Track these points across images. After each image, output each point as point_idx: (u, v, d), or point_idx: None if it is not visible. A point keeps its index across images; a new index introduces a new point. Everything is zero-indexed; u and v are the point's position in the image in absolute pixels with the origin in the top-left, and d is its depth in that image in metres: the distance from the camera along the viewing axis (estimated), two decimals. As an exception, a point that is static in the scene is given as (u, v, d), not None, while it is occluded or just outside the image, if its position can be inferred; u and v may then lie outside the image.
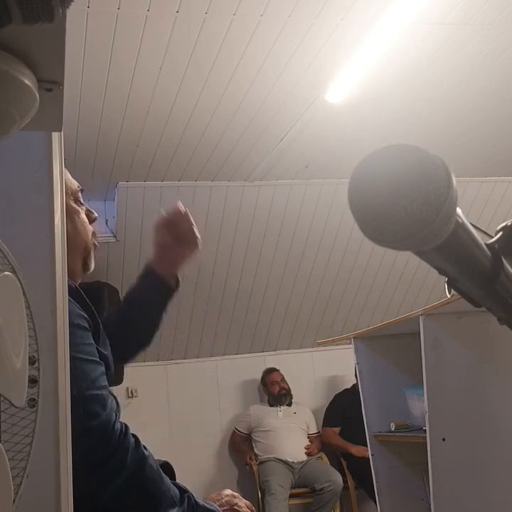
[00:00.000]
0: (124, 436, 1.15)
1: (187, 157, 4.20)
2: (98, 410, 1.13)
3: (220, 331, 5.53)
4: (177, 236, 1.52)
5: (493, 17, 3.06)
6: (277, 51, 3.14)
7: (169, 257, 1.53)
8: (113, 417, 1.15)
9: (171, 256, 1.54)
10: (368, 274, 5.50)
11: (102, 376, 1.19)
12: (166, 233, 1.52)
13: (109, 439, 1.13)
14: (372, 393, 3.18)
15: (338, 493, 4.88)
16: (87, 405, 1.12)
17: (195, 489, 1.29)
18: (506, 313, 0.62)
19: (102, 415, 1.13)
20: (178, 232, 1.52)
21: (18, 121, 0.70)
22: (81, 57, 3.02)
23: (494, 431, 2.47)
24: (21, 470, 0.74)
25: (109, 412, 1.15)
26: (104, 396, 1.16)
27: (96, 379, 1.16)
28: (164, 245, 1.53)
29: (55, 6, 0.55)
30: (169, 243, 1.52)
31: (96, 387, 1.15)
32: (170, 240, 1.52)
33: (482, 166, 4.86)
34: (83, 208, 1.37)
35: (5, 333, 0.70)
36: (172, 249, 1.53)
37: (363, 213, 0.47)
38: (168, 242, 1.52)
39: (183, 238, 1.52)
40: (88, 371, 1.15)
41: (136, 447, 1.16)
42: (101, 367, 1.20)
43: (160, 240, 1.53)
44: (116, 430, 1.14)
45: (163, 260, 1.54)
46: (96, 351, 1.20)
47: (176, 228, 1.52)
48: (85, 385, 1.13)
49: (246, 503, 1.36)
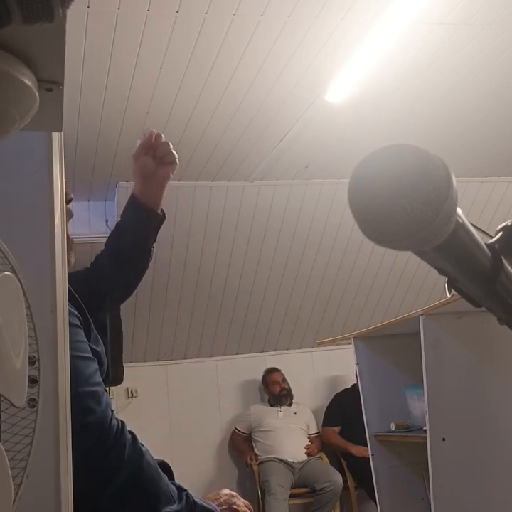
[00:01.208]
0: (121, 433, 1.15)
1: (187, 157, 4.20)
2: (93, 406, 1.13)
3: (220, 331, 5.54)
4: (157, 160, 1.55)
5: (493, 17, 3.06)
6: (277, 51, 3.14)
7: (153, 182, 1.55)
8: (109, 413, 1.15)
9: (154, 181, 1.55)
10: (368, 274, 5.50)
11: (95, 373, 1.19)
12: (146, 159, 1.54)
13: (107, 436, 1.13)
14: (372, 393, 3.18)
15: (338, 493, 4.88)
16: (82, 402, 1.12)
17: (195, 489, 1.29)
18: (506, 313, 0.62)
19: (98, 411, 1.13)
20: (157, 156, 1.54)
21: (18, 121, 0.70)
22: (81, 57, 3.02)
23: (494, 431, 2.47)
24: (21, 470, 0.74)
25: (105, 408, 1.15)
26: (99, 392, 1.16)
27: (90, 376, 1.17)
28: (146, 172, 1.55)
29: (55, 6, 0.55)
30: (151, 168, 1.54)
31: (90, 383, 1.15)
32: (152, 165, 1.54)
33: (482, 166, 4.86)
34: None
35: (5, 333, 0.70)
36: (154, 175, 1.55)
37: (363, 213, 0.47)
38: (150, 167, 1.54)
39: (162, 160, 1.55)
40: (82, 368, 1.15)
41: (133, 443, 1.16)
42: (94, 363, 1.20)
43: (141, 167, 1.55)
44: (113, 426, 1.14)
45: (147, 187, 1.56)
46: (88, 348, 1.21)
47: (154, 152, 1.54)
48: (80, 382, 1.13)
49: (244, 502, 1.36)
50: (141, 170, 1.55)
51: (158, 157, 1.55)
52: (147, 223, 1.56)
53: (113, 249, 1.59)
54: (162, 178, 1.56)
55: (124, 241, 1.57)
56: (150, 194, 1.56)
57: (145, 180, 1.56)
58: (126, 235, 1.57)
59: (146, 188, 1.56)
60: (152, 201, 1.55)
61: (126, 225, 1.58)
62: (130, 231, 1.57)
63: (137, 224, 1.56)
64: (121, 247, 1.57)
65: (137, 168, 1.56)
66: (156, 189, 1.56)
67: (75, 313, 1.21)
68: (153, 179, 1.55)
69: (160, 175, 1.55)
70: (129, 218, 1.58)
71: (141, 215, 1.55)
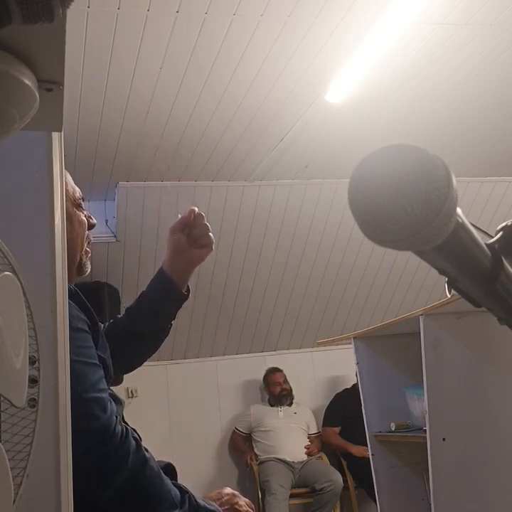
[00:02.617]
0: (125, 439, 1.15)
1: (187, 157, 4.20)
2: (98, 413, 1.13)
3: (220, 331, 5.53)
4: (192, 239, 1.52)
5: (493, 17, 3.06)
6: (277, 51, 3.14)
7: (183, 260, 1.53)
8: (113, 420, 1.15)
9: (184, 259, 1.53)
10: (368, 274, 5.50)
11: (101, 379, 1.19)
12: (181, 236, 1.52)
13: (110, 442, 1.13)
14: (372, 393, 3.18)
15: (338, 493, 4.88)
16: (87, 408, 1.12)
17: (195, 489, 1.29)
18: (506, 313, 0.62)
19: (102, 418, 1.13)
20: (193, 235, 1.52)
21: (18, 121, 0.70)
22: (81, 57, 3.02)
23: (494, 431, 2.47)
24: (21, 470, 0.74)
25: (110, 415, 1.15)
26: (105, 399, 1.16)
27: (96, 382, 1.16)
28: (179, 249, 1.53)
29: (55, 6, 0.55)
30: (184, 246, 1.52)
31: (96, 390, 1.15)
32: (185, 243, 1.52)
33: (482, 166, 4.86)
34: (84, 212, 1.38)
35: (5, 333, 0.69)
36: (186, 252, 1.53)
37: (363, 213, 0.47)
38: (183, 244, 1.52)
39: (197, 241, 1.53)
40: (88, 374, 1.15)
41: (137, 450, 1.16)
42: (101, 370, 1.20)
43: (175, 243, 1.53)
44: (117, 433, 1.14)
45: (176, 263, 1.54)
46: (96, 354, 1.21)
47: (191, 231, 1.52)
48: (86, 387, 1.13)
49: (246, 502, 1.36)
50: (173, 245, 1.54)
51: (194, 237, 1.53)
52: (167, 297, 1.54)
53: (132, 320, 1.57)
54: (193, 259, 1.54)
55: (144, 310, 1.55)
56: (177, 270, 1.54)
57: (175, 256, 1.54)
58: (146, 304, 1.56)
59: (174, 263, 1.54)
60: (177, 277, 1.54)
61: (148, 295, 1.57)
62: (149, 300, 1.55)
63: (158, 295, 1.55)
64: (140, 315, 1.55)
65: (171, 242, 1.54)
66: (184, 267, 1.55)
67: (85, 319, 1.20)
68: (183, 257, 1.53)
69: (191, 255, 1.53)
70: (152, 288, 1.57)
71: (163, 286, 1.54)
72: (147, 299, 1.56)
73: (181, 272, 1.54)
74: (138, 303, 1.57)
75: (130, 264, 4.94)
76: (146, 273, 5.05)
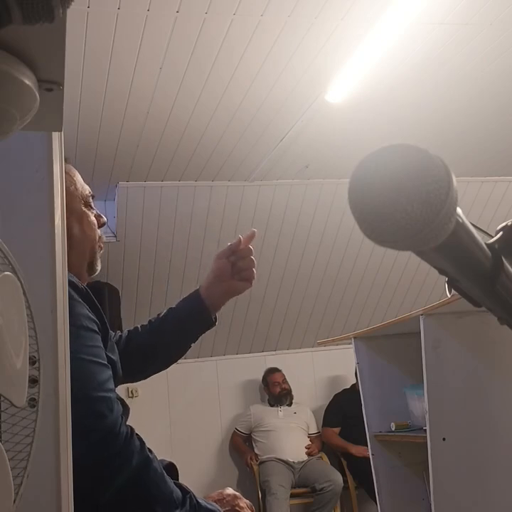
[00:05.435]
0: (129, 440, 1.15)
1: (187, 157, 4.20)
2: (105, 412, 1.13)
3: (220, 331, 5.53)
4: (235, 270, 1.53)
5: (493, 17, 3.06)
6: (277, 51, 3.14)
7: (221, 288, 1.53)
8: (119, 420, 1.15)
9: (223, 287, 1.53)
10: (368, 274, 5.50)
11: (109, 379, 1.18)
12: (227, 263, 1.53)
13: (114, 442, 1.13)
14: (372, 393, 3.18)
15: (338, 492, 4.88)
16: (94, 406, 1.12)
17: (196, 489, 1.29)
18: (506, 313, 0.62)
19: (109, 417, 1.13)
20: (237, 267, 1.53)
21: (18, 121, 0.70)
22: (81, 57, 3.01)
23: (494, 431, 2.47)
24: (22, 470, 0.74)
25: (116, 415, 1.15)
26: (112, 399, 1.16)
27: (104, 381, 1.16)
28: (221, 276, 1.53)
29: (55, 6, 0.55)
30: (227, 275, 1.52)
31: (104, 389, 1.15)
32: (229, 272, 1.52)
33: (482, 166, 4.86)
34: (93, 211, 1.40)
35: (5, 333, 0.69)
36: (227, 282, 1.53)
37: (363, 213, 0.47)
38: (226, 273, 1.52)
39: (240, 273, 1.53)
40: (96, 373, 1.15)
41: (141, 451, 1.16)
42: (109, 370, 1.20)
43: (219, 269, 1.53)
44: (122, 433, 1.14)
45: (214, 289, 1.53)
46: (104, 355, 1.20)
47: (236, 261, 1.53)
48: (93, 385, 1.13)
49: (247, 503, 1.36)
50: (217, 271, 1.54)
51: (238, 268, 1.53)
52: (197, 317, 1.54)
53: (153, 331, 1.56)
54: (231, 289, 1.54)
55: (169, 323, 1.55)
56: (213, 296, 1.54)
57: (215, 282, 1.54)
58: (174, 319, 1.55)
59: (212, 288, 1.54)
60: (211, 302, 1.54)
61: (177, 311, 1.56)
62: (178, 316, 1.55)
63: (188, 313, 1.54)
64: (164, 328, 1.55)
65: (214, 267, 1.55)
66: (221, 295, 1.55)
67: (94, 319, 1.20)
68: (223, 285, 1.53)
69: (231, 285, 1.53)
70: (183, 306, 1.57)
71: (196, 306, 1.54)
72: (175, 314, 1.56)
73: (216, 299, 1.54)
74: (164, 316, 1.57)
75: (130, 264, 4.94)
76: (146, 273, 5.05)
